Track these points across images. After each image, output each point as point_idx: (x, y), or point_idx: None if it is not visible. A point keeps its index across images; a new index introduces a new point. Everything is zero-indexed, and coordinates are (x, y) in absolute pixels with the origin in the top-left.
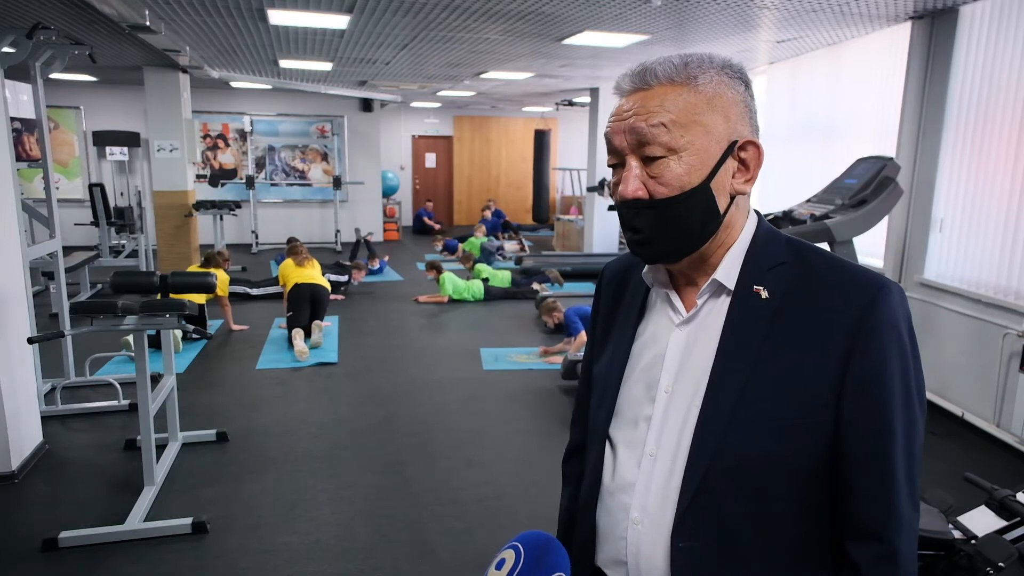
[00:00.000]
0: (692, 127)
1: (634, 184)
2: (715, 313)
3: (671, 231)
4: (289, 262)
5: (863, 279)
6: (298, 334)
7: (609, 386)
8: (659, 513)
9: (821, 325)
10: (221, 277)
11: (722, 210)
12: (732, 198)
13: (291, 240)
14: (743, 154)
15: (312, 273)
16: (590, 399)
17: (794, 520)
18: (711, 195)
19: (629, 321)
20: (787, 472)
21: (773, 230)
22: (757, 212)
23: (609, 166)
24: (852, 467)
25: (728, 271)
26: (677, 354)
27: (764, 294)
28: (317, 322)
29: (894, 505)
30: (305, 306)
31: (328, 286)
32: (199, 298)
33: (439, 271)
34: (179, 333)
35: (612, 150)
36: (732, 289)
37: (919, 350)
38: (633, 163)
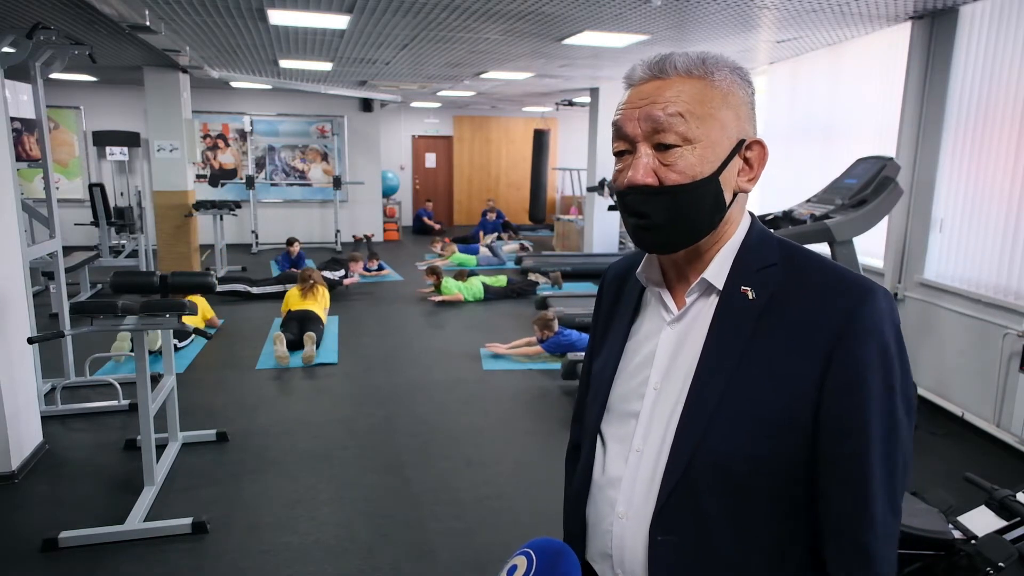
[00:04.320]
0: (708, 120)
1: (644, 170)
2: (704, 312)
3: (679, 219)
4: (293, 291)
5: (849, 283)
6: (279, 338)
7: (602, 383)
8: (643, 507)
9: (805, 327)
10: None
11: (727, 204)
12: (735, 195)
13: (291, 240)
14: (748, 153)
15: (310, 303)
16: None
17: (772, 519)
18: (719, 187)
19: (624, 320)
20: (766, 471)
21: (767, 232)
22: (751, 214)
23: (615, 154)
24: (828, 469)
25: (718, 271)
26: (666, 352)
27: (751, 295)
28: (309, 334)
29: (868, 509)
30: (293, 325)
31: (323, 315)
32: (193, 320)
33: (439, 276)
34: (156, 334)
35: (622, 136)
36: (720, 289)
37: (907, 354)
38: (645, 150)
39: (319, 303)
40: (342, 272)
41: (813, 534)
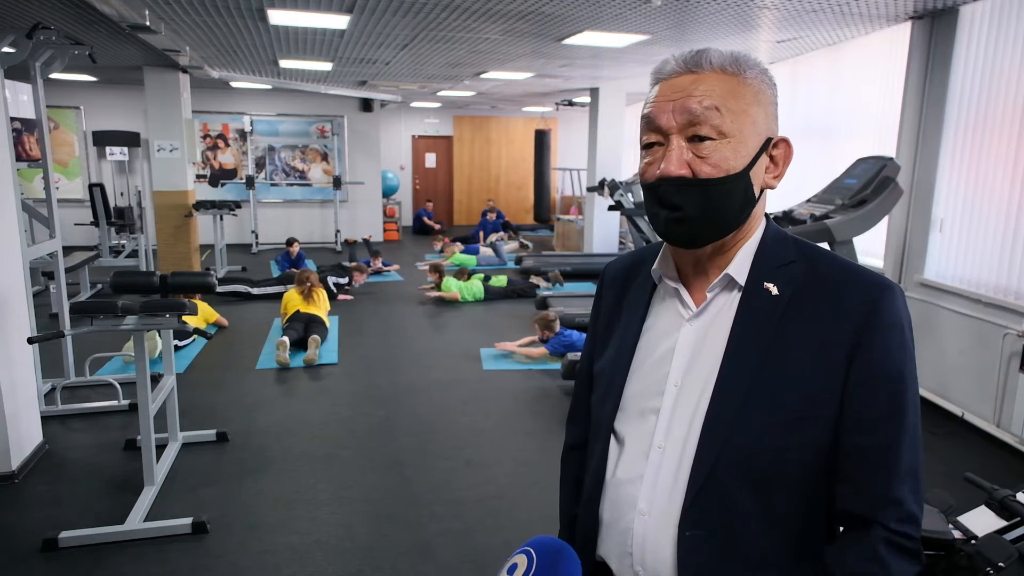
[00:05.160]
0: (741, 116)
1: (678, 162)
2: (725, 308)
3: (711, 212)
4: (293, 293)
5: (868, 279)
6: (283, 344)
7: (614, 381)
8: (667, 504)
9: (828, 322)
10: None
11: (756, 199)
12: (761, 191)
13: (290, 241)
14: (774, 151)
15: (313, 307)
16: (590, 395)
17: (799, 512)
18: (750, 182)
19: (634, 317)
20: (793, 464)
21: (781, 230)
22: (766, 214)
23: (644, 146)
24: (857, 459)
25: (740, 267)
26: (687, 348)
27: (774, 291)
28: (314, 337)
29: (898, 494)
30: (299, 327)
31: (327, 320)
32: (193, 321)
33: (441, 275)
34: (156, 343)
35: (654, 128)
36: (743, 285)
37: (915, 349)
38: (679, 142)
39: (320, 307)
40: (346, 279)
41: (835, 522)
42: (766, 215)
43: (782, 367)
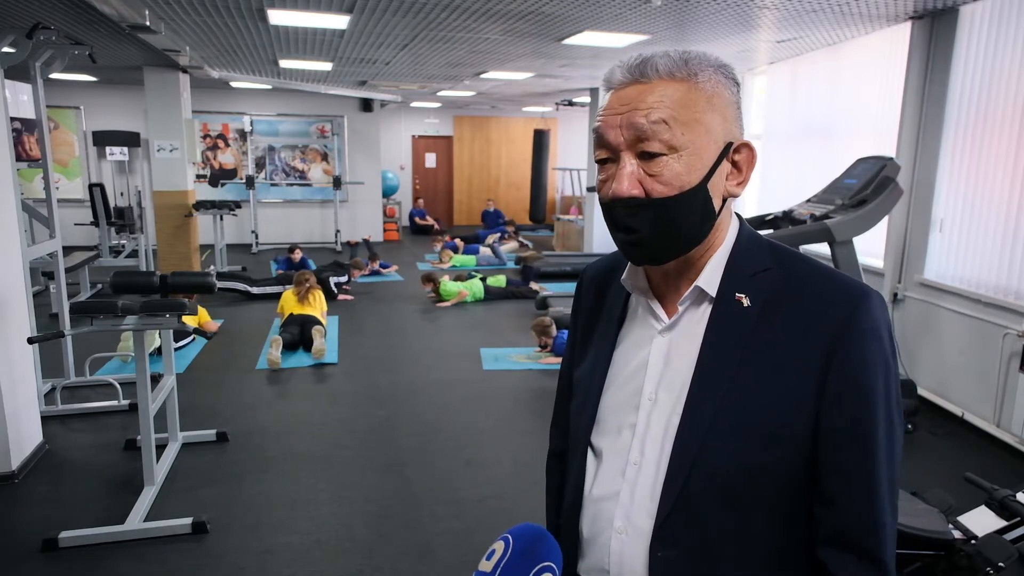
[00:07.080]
0: (693, 125)
1: (629, 182)
2: (697, 320)
3: (668, 232)
4: (289, 295)
5: (845, 287)
6: (276, 343)
7: (590, 393)
8: (643, 522)
9: (802, 333)
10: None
11: (717, 211)
12: (724, 200)
13: (292, 248)
14: (736, 156)
15: (308, 308)
16: (570, 402)
17: (773, 529)
18: (708, 195)
19: (610, 326)
20: (767, 482)
21: (756, 235)
22: (739, 216)
23: (597, 161)
24: (834, 476)
25: (710, 278)
26: (659, 361)
27: (746, 302)
28: (317, 327)
29: (877, 514)
30: (294, 330)
31: (324, 320)
32: (190, 320)
33: (436, 283)
34: (154, 334)
35: (604, 145)
36: (714, 296)
37: (898, 358)
38: (629, 160)
39: (316, 307)
40: (346, 277)
41: (808, 540)
42: (740, 218)
43: (755, 382)
